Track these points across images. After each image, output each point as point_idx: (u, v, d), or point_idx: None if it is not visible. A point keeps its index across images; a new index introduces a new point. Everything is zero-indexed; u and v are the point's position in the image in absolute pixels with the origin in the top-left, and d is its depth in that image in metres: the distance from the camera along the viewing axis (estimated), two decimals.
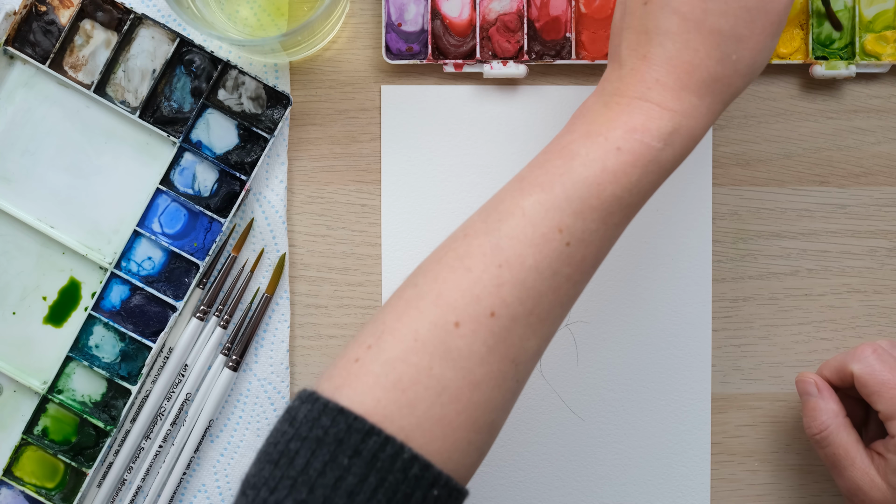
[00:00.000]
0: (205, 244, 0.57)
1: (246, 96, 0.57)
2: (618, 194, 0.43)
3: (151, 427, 0.58)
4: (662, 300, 0.59)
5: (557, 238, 0.42)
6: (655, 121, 0.44)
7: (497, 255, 0.42)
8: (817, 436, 0.54)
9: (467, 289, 0.42)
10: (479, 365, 0.41)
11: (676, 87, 0.44)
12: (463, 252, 0.43)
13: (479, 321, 0.41)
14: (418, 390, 0.41)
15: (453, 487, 0.41)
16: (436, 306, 0.42)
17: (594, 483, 0.59)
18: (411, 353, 0.41)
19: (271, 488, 0.39)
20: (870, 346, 0.53)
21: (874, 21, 0.58)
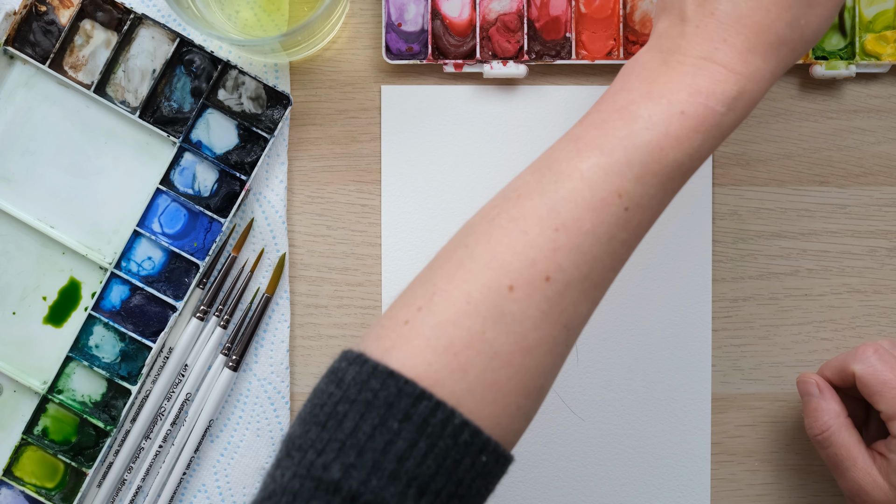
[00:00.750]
0: (205, 244, 0.57)
1: (246, 96, 0.57)
2: (679, 160, 0.42)
3: (151, 427, 0.58)
4: (662, 300, 0.59)
5: (616, 203, 0.41)
6: (721, 84, 0.42)
7: (553, 219, 0.41)
8: (819, 436, 0.54)
9: (522, 252, 0.41)
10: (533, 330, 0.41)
11: (744, 49, 0.43)
12: (517, 213, 0.42)
13: (533, 285, 0.40)
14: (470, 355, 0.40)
15: (501, 454, 0.40)
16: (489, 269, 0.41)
17: (594, 483, 0.59)
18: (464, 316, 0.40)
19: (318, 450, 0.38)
20: (871, 346, 0.53)
21: (874, 21, 0.58)
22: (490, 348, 0.40)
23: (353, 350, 0.41)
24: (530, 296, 0.41)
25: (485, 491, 0.40)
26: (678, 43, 0.43)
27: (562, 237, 0.41)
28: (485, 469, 0.40)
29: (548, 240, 0.41)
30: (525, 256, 0.41)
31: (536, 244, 0.41)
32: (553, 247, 0.41)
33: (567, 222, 0.41)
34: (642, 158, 0.42)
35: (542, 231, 0.41)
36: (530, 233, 0.41)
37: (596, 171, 0.42)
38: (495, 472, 0.41)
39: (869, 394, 0.52)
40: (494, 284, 0.40)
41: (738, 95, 0.43)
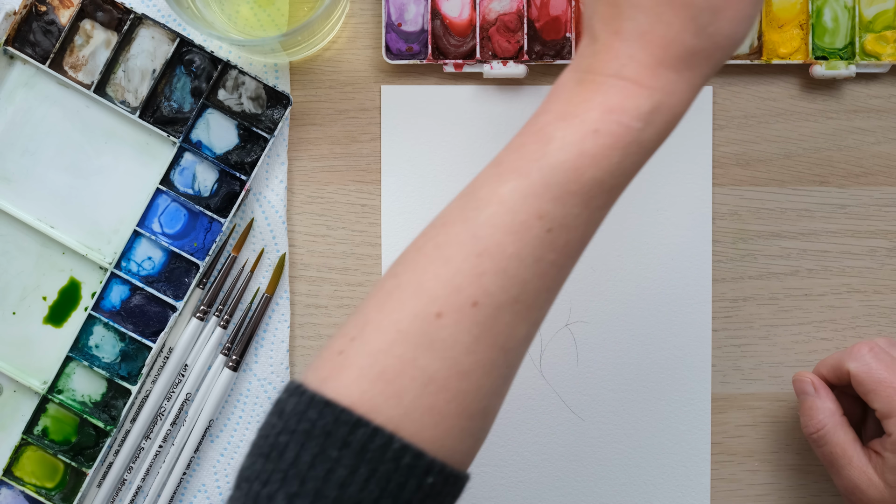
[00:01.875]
0: (205, 244, 0.57)
1: (246, 96, 0.57)
2: (598, 177, 0.42)
3: (151, 427, 0.58)
4: (662, 300, 0.59)
5: (538, 225, 0.41)
6: (633, 99, 0.42)
7: (476, 245, 0.41)
8: (814, 435, 0.54)
9: (447, 279, 0.41)
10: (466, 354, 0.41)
11: (652, 64, 0.42)
12: (442, 241, 0.42)
13: (461, 311, 0.41)
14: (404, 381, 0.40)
15: (450, 473, 0.40)
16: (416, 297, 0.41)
17: (594, 483, 0.59)
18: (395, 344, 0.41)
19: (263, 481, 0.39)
20: (866, 345, 0.53)
21: (874, 21, 0.58)
22: (423, 374, 0.40)
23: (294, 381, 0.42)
24: (459, 322, 0.41)
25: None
26: (590, 62, 0.43)
27: (486, 262, 0.41)
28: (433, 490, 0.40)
29: (472, 266, 0.41)
30: (450, 283, 0.41)
31: (461, 270, 0.41)
32: (477, 272, 0.41)
33: (490, 247, 0.41)
34: (559, 179, 0.41)
35: (466, 257, 0.41)
36: (454, 259, 0.41)
37: (514, 194, 0.42)
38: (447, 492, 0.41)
39: (864, 392, 0.52)
40: (422, 312, 0.41)
41: (654, 110, 0.42)
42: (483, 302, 0.41)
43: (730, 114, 0.59)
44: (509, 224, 0.41)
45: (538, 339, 0.59)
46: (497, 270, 0.41)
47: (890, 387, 0.52)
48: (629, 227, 0.59)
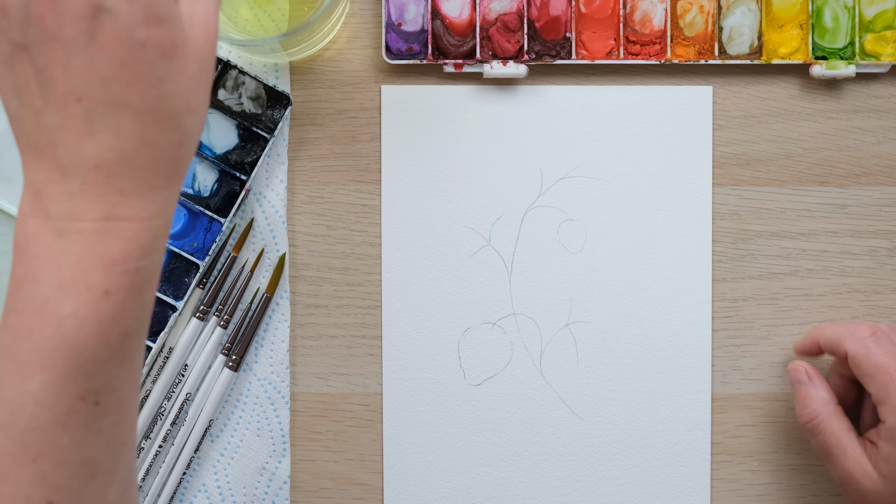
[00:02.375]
0: (205, 244, 0.57)
1: (246, 96, 0.57)
2: (128, 330, 0.38)
3: (151, 427, 0.58)
4: (662, 300, 0.59)
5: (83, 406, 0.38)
6: (132, 240, 0.37)
7: (27, 451, 0.38)
8: (808, 424, 0.54)
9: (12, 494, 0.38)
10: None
11: (144, 190, 0.37)
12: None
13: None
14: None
15: None
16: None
17: (594, 483, 0.59)
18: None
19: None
20: (869, 327, 0.53)
21: (874, 21, 0.58)
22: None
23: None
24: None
25: None
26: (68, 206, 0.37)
27: (46, 464, 0.38)
28: None
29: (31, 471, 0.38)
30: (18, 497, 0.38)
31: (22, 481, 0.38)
32: (40, 477, 0.38)
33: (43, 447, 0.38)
34: (87, 356, 0.37)
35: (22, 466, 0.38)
36: (11, 472, 0.38)
37: (46, 390, 0.37)
38: None
39: (860, 375, 0.52)
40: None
41: (155, 238, 0.38)
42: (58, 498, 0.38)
43: (730, 114, 0.59)
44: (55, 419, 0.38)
45: (538, 339, 0.59)
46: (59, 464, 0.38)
47: (886, 373, 0.51)
48: (629, 227, 0.59)
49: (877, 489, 0.52)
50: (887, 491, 0.52)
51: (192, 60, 0.38)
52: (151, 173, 0.38)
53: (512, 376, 0.59)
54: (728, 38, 0.58)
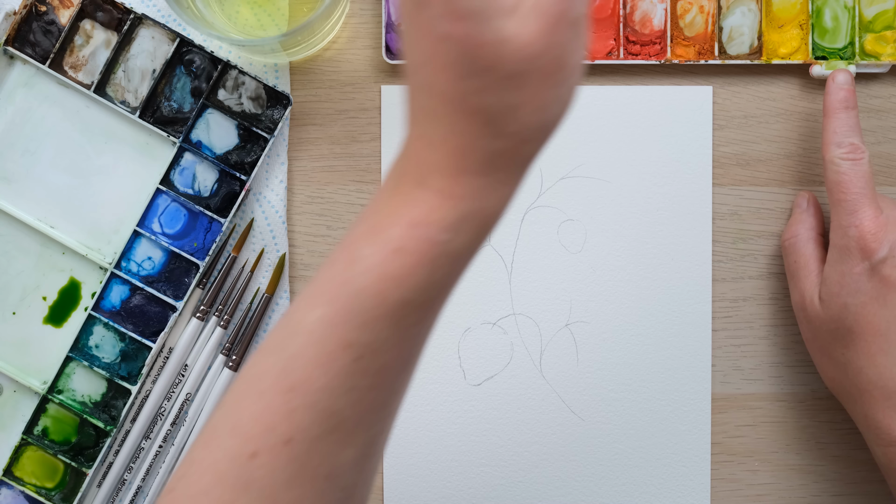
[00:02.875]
0: (205, 244, 0.57)
1: (246, 96, 0.57)
2: (406, 298, 0.38)
3: (151, 427, 0.58)
4: (662, 300, 0.59)
5: (345, 355, 0.39)
6: (437, 211, 0.38)
7: (285, 379, 0.39)
8: (786, 241, 0.57)
9: (259, 417, 0.39)
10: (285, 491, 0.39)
11: (455, 172, 0.38)
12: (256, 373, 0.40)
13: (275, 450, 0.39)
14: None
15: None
16: (232, 437, 0.39)
17: (594, 483, 0.59)
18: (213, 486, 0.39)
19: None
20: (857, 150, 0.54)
21: (874, 21, 0.58)
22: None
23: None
24: (273, 461, 0.39)
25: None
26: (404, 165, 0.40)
27: (296, 398, 0.39)
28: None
29: (283, 401, 0.39)
30: (263, 422, 0.39)
31: (272, 407, 0.39)
32: (288, 409, 0.39)
33: (299, 382, 0.39)
34: (363, 304, 0.38)
35: (277, 392, 0.39)
36: (266, 395, 0.39)
37: (320, 324, 0.39)
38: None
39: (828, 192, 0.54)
40: (237, 453, 0.39)
41: (462, 219, 0.38)
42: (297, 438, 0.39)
43: (730, 114, 0.59)
44: (316, 357, 0.39)
45: (538, 339, 0.59)
46: (308, 405, 0.39)
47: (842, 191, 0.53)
48: (629, 227, 0.59)
49: (817, 315, 0.54)
50: (826, 316, 0.53)
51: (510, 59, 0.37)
52: (462, 158, 0.38)
53: (512, 376, 0.59)
54: (728, 38, 0.58)
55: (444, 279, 0.39)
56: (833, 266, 0.53)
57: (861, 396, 0.52)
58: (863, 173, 0.53)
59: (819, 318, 0.53)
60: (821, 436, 0.59)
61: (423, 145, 0.39)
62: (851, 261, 0.52)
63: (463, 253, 0.39)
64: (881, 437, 0.51)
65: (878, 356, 0.51)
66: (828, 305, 0.53)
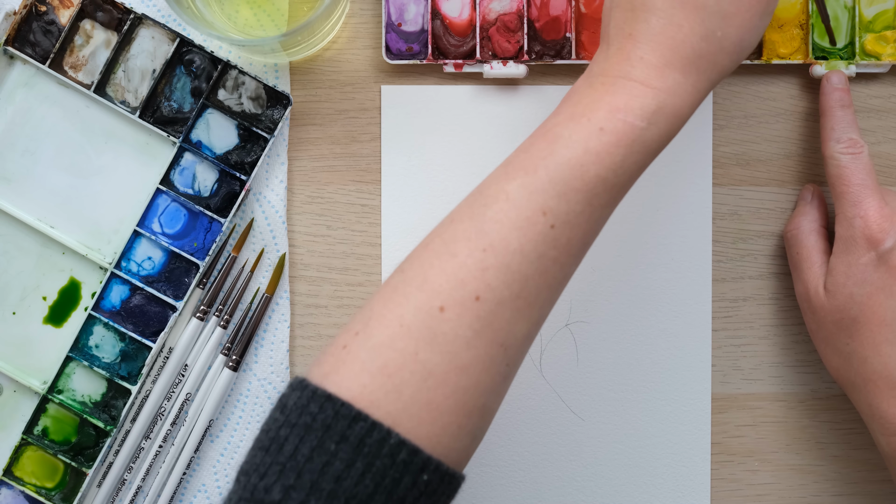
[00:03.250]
0: (205, 244, 0.57)
1: (246, 96, 0.57)
2: (602, 175, 0.43)
3: (151, 427, 0.58)
4: (662, 300, 0.59)
5: (542, 221, 0.42)
6: (638, 99, 0.43)
7: (481, 239, 0.42)
8: (788, 234, 0.57)
9: (452, 273, 0.42)
10: (466, 349, 0.41)
11: (660, 65, 0.44)
12: (448, 237, 0.43)
13: (464, 305, 0.41)
14: (404, 375, 0.41)
15: (445, 472, 0.41)
16: (420, 291, 0.42)
17: (594, 483, 0.59)
18: (397, 338, 0.41)
19: (261, 474, 0.40)
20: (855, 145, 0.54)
21: (874, 21, 0.58)
22: (423, 368, 0.41)
23: (298, 376, 0.42)
24: (461, 315, 0.41)
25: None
26: (602, 66, 0.45)
27: (490, 257, 0.42)
28: (428, 488, 0.40)
29: (476, 260, 0.42)
30: (454, 277, 0.42)
31: (465, 265, 0.42)
32: (481, 267, 0.42)
33: (495, 242, 0.42)
34: (563, 175, 0.43)
35: (471, 252, 0.42)
36: (459, 254, 0.42)
37: (520, 190, 0.43)
38: (441, 491, 0.41)
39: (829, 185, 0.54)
40: (426, 306, 0.42)
41: (658, 109, 0.43)
42: (485, 297, 0.42)
43: (730, 114, 0.59)
44: (514, 219, 0.42)
45: (538, 338, 0.59)
46: (500, 265, 0.42)
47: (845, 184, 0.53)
48: (629, 227, 0.59)
49: (822, 306, 0.54)
50: (831, 306, 0.53)
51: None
52: (670, 51, 0.44)
53: None
54: None
55: (633, 166, 0.43)
56: (839, 257, 0.53)
57: (865, 386, 0.52)
58: (863, 165, 0.53)
59: (824, 309, 0.54)
60: (821, 436, 0.59)
61: (630, 43, 0.44)
62: (857, 251, 0.52)
63: (652, 144, 0.44)
64: (886, 426, 0.52)
65: (884, 346, 0.51)
66: (833, 296, 0.53)
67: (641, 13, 0.44)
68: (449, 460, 0.42)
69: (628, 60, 0.44)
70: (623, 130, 0.43)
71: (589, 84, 0.45)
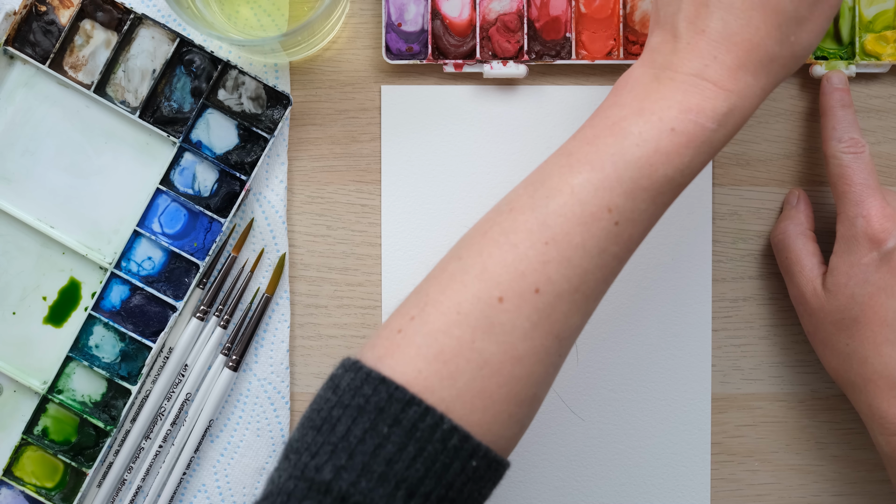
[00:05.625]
0: (205, 244, 0.57)
1: (246, 96, 0.57)
2: (669, 175, 0.43)
3: (151, 427, 0.58)
4: (662, 300, 0.59)
5: (606, 217, 0.42)
6: (711, 101, 0.43)
7: (544, 232, 0.42)
8: (775, 239, 0.57)
9: (512, 264, 0.42)
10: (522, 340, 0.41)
11: (734, 66, 0.43)
12: (509, 227, 0.43)
13: (523, 297, 0.41)
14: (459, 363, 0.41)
15: (493, 459, 0.41)
16: (480, 280, 0.42)
17: (594, 483, 0.59)
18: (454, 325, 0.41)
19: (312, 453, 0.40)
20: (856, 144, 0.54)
21: (874, 21, 0.58)
22: (479, 357, 0.41)
23: (350, 358, 0.42)
24: (520, 307, 0.41)
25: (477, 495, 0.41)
26: (670, 59, 0.44)
27: (552, 250, 0.42)
28: (476, 474, 0.41)
29: (538, 253, 0.42)
30: (515, 269, 0.42)
31: (526, 257, 0.42)
32: (543, 259, 0.42)
33: (557, 236, 0.42)
34: (632, 174, 0.42)
35: (533, 244, 0.42)
36: (520, 246, 0.42)
37: (586, 186, 0.42)
38: (488, 477, 0.41)
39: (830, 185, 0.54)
40: (484, 295, 0.41)
41: (729, 112, 0.43)
42: (545, 289, 0.42)
43: None
44: (579, 215, 0.42)
45: None
46: (562, 259, 0.42)
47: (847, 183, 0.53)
48: None
49: (821, 307, 0.54)
50: (830, 307, 0.53)
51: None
52: (745, 53, 0.43)
53: None
54: None
55: (698, 166, 0.43)
56: (840, 256, 0.53)
57: (865, 386, 0.52)
58: (865, 165, 0.53)
59: (823, 310, 0.53)
60: (821, 436, 0.59)
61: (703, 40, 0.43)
62: (859, 251, 0.52)
63: (718, 145, 0.43)
64: (885, 426, 0.52)
65: (884, 346, 0.51)
66: (834, 296, 0.53)
67: (718, 10, 0.43)
68: (497, 447, 0.42)
69: (701, 58, 0.43)
70: (694, 132, 0.43)
71: (654, 77, 0.44)
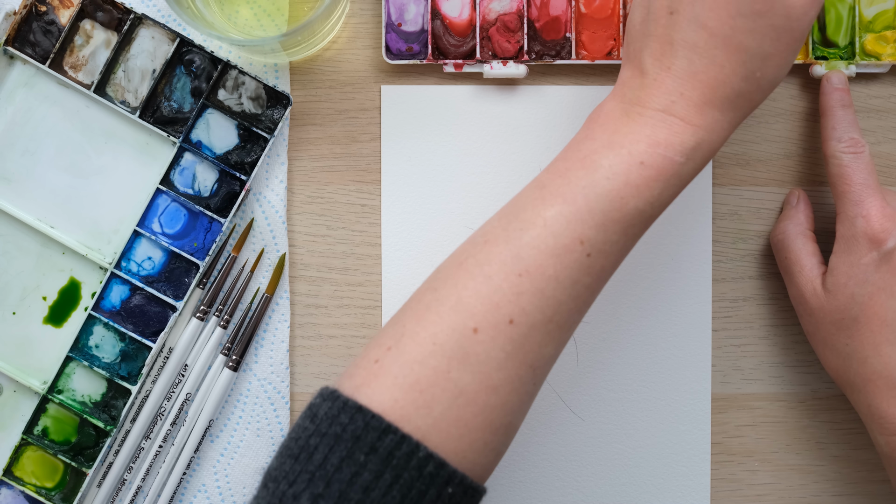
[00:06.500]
0: (205, 244, 0.57)
1: (246, 96, 0.57)
2: (640, 207, 0.44)
3: (151, 427, 0.58)
4: (662, 300, 0.59)
5: (579, 249, 0.43)
6: (679, 135, 0.44)
7: (517, 265, 0.43)
8: (774, 239, 0.57)
9: (487, 296, 0.42)
10: (497, 370, 0.42)
11: (700, 102, 0.44)
12: (483, 259, 0.44)
13: (497, 328, 0.42)
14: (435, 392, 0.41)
15: (469, 485, 0.41)
16: (455, 312, 0.42)
17: (594, 483, 0.59)
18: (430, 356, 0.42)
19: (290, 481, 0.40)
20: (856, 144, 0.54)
21: (874, 21, 0.58)
22: (455, 387, 0.42)
23: (328, 387, 0.43)
24: (494, 338, 0.42)
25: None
26: (638, 94, 0.45)
27: (525, 282, 0.43)
28: (452, 500, 0.41)
29: (511, 284, 0.43)
30: (489, 300, 0.42)
31: (500, 289, 0.43)
32: (517, 291, 0.42)
33: (531, 268, 0.43)
34: (603, 206, 0.43)
35: (507, 276, 0.43)
36: (495, 277, 0.43)
37: (558, 218, 0.43)
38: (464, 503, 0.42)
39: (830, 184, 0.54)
40: (459, 326, 0.42)
41: (697, 146, 0.44)
42: (519, 320, 0.42)
43: None
44: (552, 247, 0.43)
45: None
46: (535, 291, 0.42)
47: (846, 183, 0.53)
48: None
49: (821, 307, 0.54)
50: (830, 307, 0.53)
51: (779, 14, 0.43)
52: (710, 90, 0.44)
53: None
54: None
55: (668, 199, 0.44)
56: (840, 256, 0.53)
57: (865, 386, 0.52)
58: (865, 165, 0.53)
59: (823, 310, 0.53)
60: (821, 436, 0.59)
61: (669, 77, 0.44)
62: (859, 251, 0.52)
63: (686, 178, 0.44)
64: (885, 426, 0.52)
65: (884, 346, 0.51)
66: (834, 296, 0.53)
67: (681, 49, 0.44)
68: (473, 474, 0.43)
69: (668, 94, 0.44)
70: (663, 165, 0.44)
71: (624, 112, 0.45)
